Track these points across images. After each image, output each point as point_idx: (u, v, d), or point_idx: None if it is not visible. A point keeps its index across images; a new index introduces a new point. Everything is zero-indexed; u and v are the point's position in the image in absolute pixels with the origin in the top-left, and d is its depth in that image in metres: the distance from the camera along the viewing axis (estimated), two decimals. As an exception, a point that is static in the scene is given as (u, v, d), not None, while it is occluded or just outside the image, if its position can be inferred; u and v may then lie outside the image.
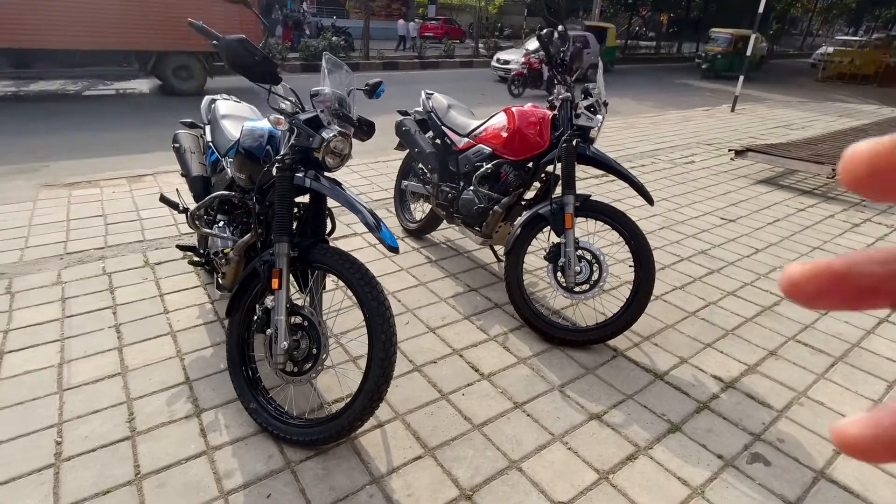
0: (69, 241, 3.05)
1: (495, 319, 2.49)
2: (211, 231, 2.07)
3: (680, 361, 2.23)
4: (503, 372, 2.12)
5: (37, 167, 4.63)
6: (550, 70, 2.34)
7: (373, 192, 4.16)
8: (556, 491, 1.58)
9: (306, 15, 18.37)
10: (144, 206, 3.61)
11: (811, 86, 15.14)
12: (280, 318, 1.62)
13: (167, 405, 1.85)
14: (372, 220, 1.60)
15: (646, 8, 28.63)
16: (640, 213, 3.81)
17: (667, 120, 8.21)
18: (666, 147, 6.25)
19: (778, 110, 9.74)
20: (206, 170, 2.40)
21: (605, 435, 1.82)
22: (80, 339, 2.19)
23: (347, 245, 3.14)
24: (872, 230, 3.83)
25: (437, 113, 2.91)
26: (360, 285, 1.58)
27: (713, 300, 2.75)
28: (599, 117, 2.28)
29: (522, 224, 2.36)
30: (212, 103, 2.49)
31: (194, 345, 2.19)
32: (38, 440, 1.67)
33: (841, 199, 4.56)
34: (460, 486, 1.59)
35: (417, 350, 2.23)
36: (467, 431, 1.80)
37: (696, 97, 11.90)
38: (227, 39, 1.54)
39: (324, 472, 1.61)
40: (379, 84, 2.00)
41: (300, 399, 1.88)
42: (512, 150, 2.46)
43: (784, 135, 7.16)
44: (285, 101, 1.65)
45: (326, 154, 1.63)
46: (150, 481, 1.55)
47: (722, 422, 1.90)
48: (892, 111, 9.99)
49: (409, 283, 2.79)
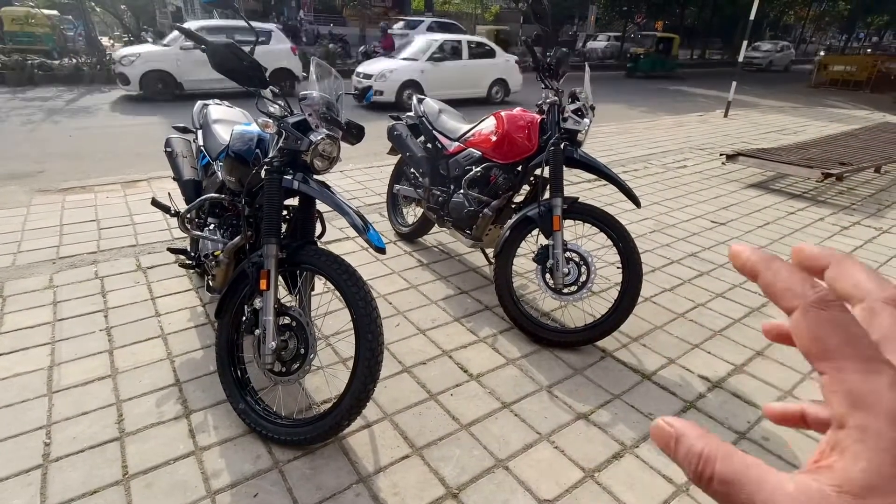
0: (62, 246, 3.07)
1: (485, 321, 2.51)
2: (201, 234, 2.09)
3: (668, 362, 2.25)
4: (492, 373, 2.14)
5: (31, 172, 4.65)
6: (538, 75, 2.37)
7: (366, 197, 4.19)
8: (542, 489, 1.59)
9: (303, 22, 18.45)
10: (138, 211, 3.63)
11: (804, 91, 15.28)
12: (268, 319, 1.63)
13: (156, 407, 1.86)
14: (359, 221, 1.62)
15: (641, 15, 28.89)
16: (632, 217, 3.85)
17: (660, 125, 8.28)
18: (659, 152, 6.31)
19: (771, 115, 9.83)
20: (197, 174, 2.42)
21: (592, 434, 1.83)
22: (70, 342, 2.20)
23: (339, 248, 3.15)
24: (861, 233, 3.86)
25: (429, 117, 2.95)
26: (347, 286, 1.60)
27: (702, 302, 2.77)
28: (587, 121, 2.31)
29: (511, 226, 2.39)
30: (203, 108, 2.52)
31: (185, 347, 2.20)
32: (27, 441, 1.68)
33: (830, 203, 4.61)
34: (447, 484, 1.60)
35: (407, 351, 2.24)
36: (455, 431, 1.81)
37: (690, 103, 11.99)
38: (215, 44, 1.56)
39: (311, 472, 1.62)
40: (368, 89, 2.04)
41: (289, 400, 1.90)
42: (501, 153, 2.49)
43: (776, 140, 7.22)
44: (274, 105, 1.68)
45: (315, 157, 1.65)
46: (138, 481, 1.56)
47: (708, 421, 1.92)
48: (883, 116, 10.09)
49: (400, 285, 2.81)
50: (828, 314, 0.22)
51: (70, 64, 10.46)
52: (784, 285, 0.23)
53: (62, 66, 10.42)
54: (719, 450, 0.22)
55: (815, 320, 0.22)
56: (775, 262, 0.24)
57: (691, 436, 0.23)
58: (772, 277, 0.24)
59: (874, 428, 0.19)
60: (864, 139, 6.50)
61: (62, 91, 9.34)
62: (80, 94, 9.24)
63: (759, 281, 0.24)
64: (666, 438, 0.23)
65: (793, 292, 0.23)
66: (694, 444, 0.22)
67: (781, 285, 0.23)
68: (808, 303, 0.22)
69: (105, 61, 10.70)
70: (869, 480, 0.19)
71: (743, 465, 0.21)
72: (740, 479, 0.21)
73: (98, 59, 10.85)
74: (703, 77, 18.53)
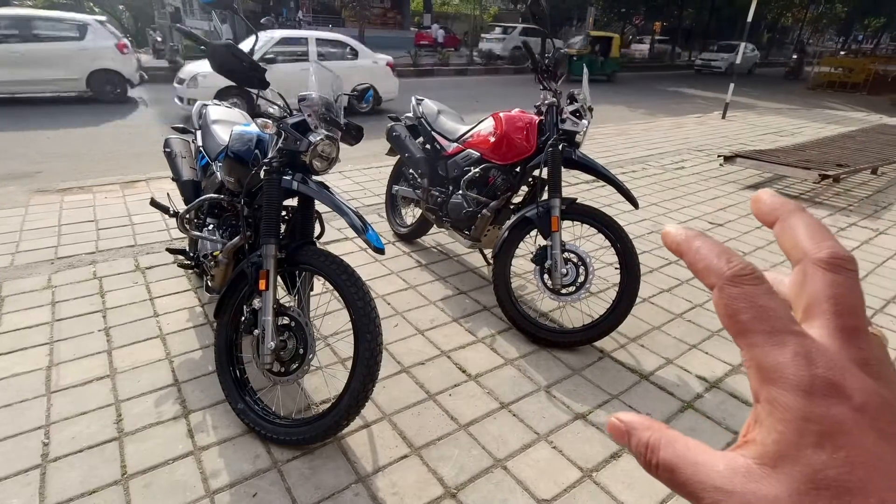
0: (60, 246, 3.06)
1: (483, 322, 2.52)
2: (200, 234, 2.10)
3: (665, 362, 2.26)
4: (490, 373, 2.14)
5: (29, 173, 4.64)
6: (536, 76, 2.38)
7: (365, 198, 4.19)
8: (540, 489, 1.60)
9: (302, 23, 18.46)
10: (136, 212, 3.63)
11: (801, 93, 15.33)
12: (267, 319, 1.64)
13: (155, 407, 1.86)
14: (358, 222, 1.63)
15: (639, 17, 28.97)
16: (630, 218, 3.86)
17: (658, 126, 8.30)
18: (657, 153, 6.32)
19: (768, 117, 9.86)
20: (196, 174, 2.42)
21: (590, 434, 1.84)
22: (69, 342, 2.20)
23: (338, 249, 3.16)
24: (858, 234, 3.88)
25: (427, 118, 2.95)
26: (346, 286, 1.60)
27: (699, 302, 2.78)
28: (585, 122, 2.32)
29: (510, 227, 2.40)
30: (202, 108, 2.52)
31: (184, 347, 2.20)
32: (25, 441, 1.68)
33: (827, 204, 4.62)
34: (445, 484, 1.60)
35: (406, 352, 2.25)
36: (453, 431, 1.82)
37: (689, 104, 12.03)
38: (215, 45, 1.57)
39: (310, 472, 1.62)
40: (368, 89, 2.04)
41: (287, 400, 1.90)
42: (500, 154, 2.50)
43: (773, 141, 7.25)
44: (273, 106, 1.68)
45: (314, 157, 1.66)
46: (137, 481, 1.56)
47: (705, 421, 1.93)
48: (879, 118, 10.13)
49: (399, 286, 2.81)
50: (740, 290, 0.21)
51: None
52: (704, 263, 0.23)
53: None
54: (663, 437, 0.22)
55: (729, 297, 0.22)
56: (697, 239, 0.24)
57: (640, 428, 0.23)
58: (693, 256, 0.24)
59: (781, 400, 0.20)
60: (861, 141, 6.52)
61: (60, 91, 9.31)
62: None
63: (685, 260, 0.24)
64: (620, 434, 0.24)
65: (711, 270, 0.22)
66: (642, 435, 0.23)
67: (702, 264, 0.23)
68: (723, 280, 0.22)
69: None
70: (779, 450, 0.19)
71: (684, 448, 0.22)
72: (681, 462, 0.21)
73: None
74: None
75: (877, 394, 0.19)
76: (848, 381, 0.19)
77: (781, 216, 0.25)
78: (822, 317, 0.22)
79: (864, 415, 0.19)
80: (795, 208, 0.25)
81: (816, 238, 0.23)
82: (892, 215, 4.37)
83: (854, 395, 0.19)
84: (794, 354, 0.20)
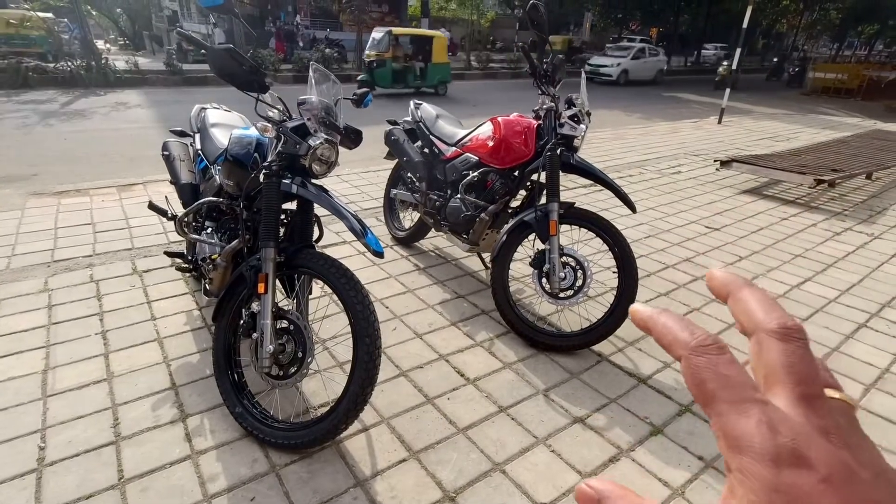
0: (57, 249, 3.05)
1: (482, 325, 2.52)
2: (199, 237, 2.09)
3: (663, 366, 2.27)
4: (489, 377, 2.14)
5: (26, 175, 4.63)
6: (534, 81, 2.39)
7: (363, 202, 4.19)
8: (539, 492, 1.60)
9: (300, 27, 18.49)
10: (134, 215, 3.62)
11: (796, 99, 15.44)
12: (266, 322, 1.64)
13: (152, 410, 1.85)
14: (357, 225, 1.63)
15: (636, 22, 29.16)
16: (627, 222, 3.88)
17: (655, 131, 8.35)
18: (653, 158, 6.35)
19: (764, 122, 9.93)
20: (195, 177, 2.42)
21: (588, 437, 1.84)
22: (65, 345, 2.18)
23: (336, 253, 3.16)
24: (853, 238, 3.91)
25: (426, 122, 2.96)
26: (344, 289, 1.60)
27: (697, 306, 2.79)
28: (583, 127, 2.33)
29: (508, 231, 2.40)
30: (201, 111, 2.52)
31: (181, 351, 2.20)
32: (21, 445, 1.67)
33: (823, 209, 4.65)
34: (444, 488, 1.60)
35: (404, 355, 2.25)
36: (452, 435, 1.82)
37: (685, 109, 12.10)
38: (215, 49, 1.57)
39: (308, 476, 1.62)
40: (367, 94, 2.05)
41: (286, 403, 1.89)
42: (498, 158, 2.51)
43: (769, 146, 7.30)
44: (273, 110, 1.69)
45: (313, 161, 1.66)
46: (134, 485, 1.55)
47: (703, 424, 1.93)
48: (874, 124, 10.20)
49: (397, 290, 2.81)
50: (704, 359, 0.22)
51: (65, 67, 10.41)
52: (670, 337, 0.24)
53: (57, 69, 10.38)
54: None
55: (694, 367, 0.22)
56: (662, 315, 0.25)
57: (612, 497, 0.24)
58: (660, 331, 0.25)
59: (750, 469, 0.20)
60: (856, 146, 6.58)
61: (57, 94, 9.32)
62: (76, 96, 9.21)
63: (653, 335, 0.25)
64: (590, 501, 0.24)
65: (677, 342, 0.24)
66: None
67: (669, 337, 0.24)
68: (688, 350, 0.23)
69: (101, 64, 10.66)
70: None
71: None
72: None
73: (94, 62, 10.80)
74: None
75: (842, 463, 0.20)
76: (812, 452, 0.20)
77: (732, 291, 0.26)
78: (780, 385, 0.22)
79: (829, 485, 0.19)
80: (745, 283, 0.26)
81: (766, 310, 0.24)
82: (887, 220, 4.40)
83: (819, 467, 0.20)
84: (758, 423, 0.21)
